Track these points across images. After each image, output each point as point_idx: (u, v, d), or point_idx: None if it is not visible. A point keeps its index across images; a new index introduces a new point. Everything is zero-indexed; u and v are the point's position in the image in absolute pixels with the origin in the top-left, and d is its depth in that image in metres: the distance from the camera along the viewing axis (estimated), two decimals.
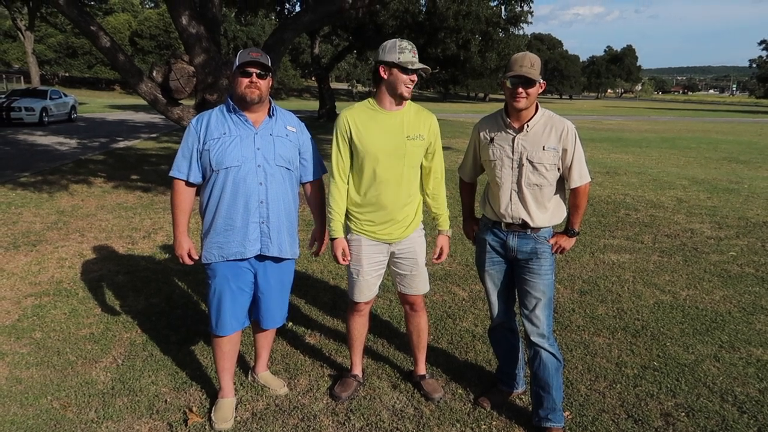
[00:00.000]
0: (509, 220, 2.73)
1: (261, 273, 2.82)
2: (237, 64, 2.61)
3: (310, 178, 2.95)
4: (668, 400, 3.08)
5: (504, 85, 2.60)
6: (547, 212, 2.72)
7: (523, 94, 2.53)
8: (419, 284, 2.97)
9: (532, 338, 2.75)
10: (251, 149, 2.67)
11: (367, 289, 2.94)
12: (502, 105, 2.78)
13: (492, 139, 2.73)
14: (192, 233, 2.84)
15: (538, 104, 2.67)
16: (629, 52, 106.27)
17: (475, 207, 3.12)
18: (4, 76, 41.47)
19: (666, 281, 4.99)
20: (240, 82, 2.62)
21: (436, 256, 2.95)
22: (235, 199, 2.66)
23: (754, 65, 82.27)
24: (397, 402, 3.05)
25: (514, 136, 2.65)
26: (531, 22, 21.94)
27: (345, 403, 3.02)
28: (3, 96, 21.16)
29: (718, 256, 5.77)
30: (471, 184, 3.06)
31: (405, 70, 2.61)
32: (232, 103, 2.70)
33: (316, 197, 3.00)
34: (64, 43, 47.99)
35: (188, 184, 2.73)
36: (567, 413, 2.93)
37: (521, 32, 23.41)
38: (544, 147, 2.61)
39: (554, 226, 2.77)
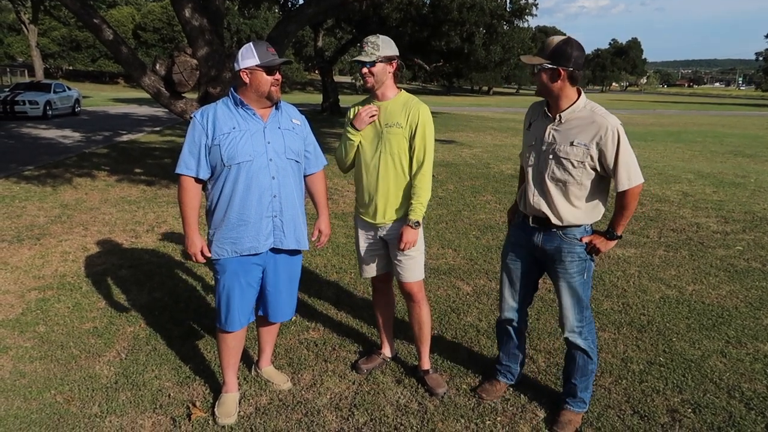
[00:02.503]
0: (531, 213, 2.65)
1: (272, 267, 2.81)
2: (258, 62, 2.56)
3: (314, 170, 2.97)
4: (674, 396, 3.05)
5: None
6: (577, 210, 2.54)
7: (557, 110, 2.49)
8: (405, 271, 2.99)
9: (564, 334, 2.74)
10: (262, 143, 2.65)
11: (366, 266, 3.14)
12: (506, 98, 2.77)
13: (530, 125, 2.66)
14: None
15: (582, 93, 2.49)
16: (634, 45, 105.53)
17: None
18: (8, 69, 41.51)
19: (672, 276, 4.96)
20: (265, 81, 2.60)
21: (400, 245, 2.89)
22: (248, 195, 2.64)
23: (761, 58, 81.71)
24: (401, 397, 3.03)
25: (548, 125, 2.53)
26: (536, 15, 21.79)
27: (349, 398, 3.01)
28: (7, 89, 21.17)
29: (724, 250, 5.72)
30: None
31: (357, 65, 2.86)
32: (239, 96, 2.66)
33: (319, 188, 3.01)
34: (68, 37, 47.93)
35: (197, 180, 2.69)
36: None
37: (526, 25, 23.27)
38: (572, 142, 2.44)
39: (593, 224, 2.63)
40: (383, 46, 2.80)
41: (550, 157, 2.52)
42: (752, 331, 3.87)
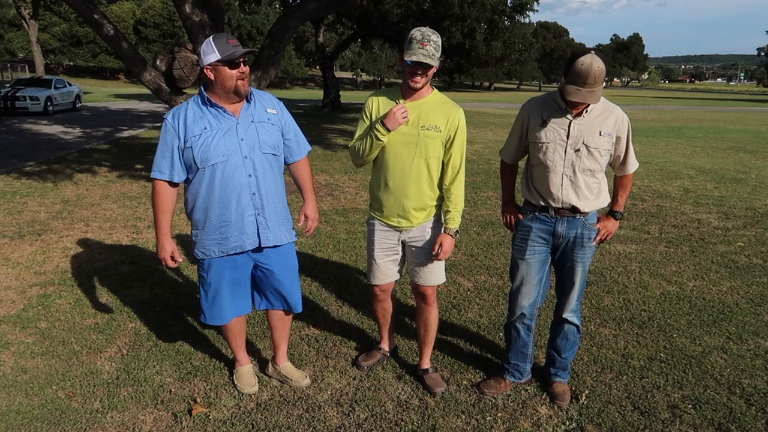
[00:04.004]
0: (558, 205, 2.72)
1: (265, 261, 2.79)
2: (219, 56, 2.47)
3: (297, 158, 2.87)
4: (675, 392, 3.06)
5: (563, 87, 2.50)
6: (594, 197, 2.74)
7: (584, 107, 2.59)
8: (428, 275, 2.93)
9: (564, 315, 2.89)
10: (235, 141, 2.57)
11: (379, 273, 3.00)
12: (507, 94, 2.78)
13: (545, 121, 2.69)
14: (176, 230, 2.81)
15: None
16: (636, 40, 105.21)
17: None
18: (8, 65, 41.46)
19: (673, 272, 4.96)
20: (229, 76, 2.50)
21: (434, 253, 2.82)
22: (226, 195, 2.59)
23: (763, 53, 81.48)
24: (402, 393, 3.03)
25: (571, 121, 2.63)
26: (537, 10, 21.67)
27: (349, 394, 3.02)
28: (8, 85, 21.16)
29: (725, 246, 5.72)
30: (512, 166, 3.00)
31: (406, 64, 2.57)
32: (206, 95, 2.59)
33: (304, 175, 2.93)
34: (69, 32, 47.83)
35: (172, 184, 2.65)
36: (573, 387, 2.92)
37: (527, 20, 23.17)
38: (600, 132, 2.62)
39: (600, 210, 2.82)
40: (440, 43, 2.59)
41: (581, 149, 2.64)
42: (753, 327, 3.87)
